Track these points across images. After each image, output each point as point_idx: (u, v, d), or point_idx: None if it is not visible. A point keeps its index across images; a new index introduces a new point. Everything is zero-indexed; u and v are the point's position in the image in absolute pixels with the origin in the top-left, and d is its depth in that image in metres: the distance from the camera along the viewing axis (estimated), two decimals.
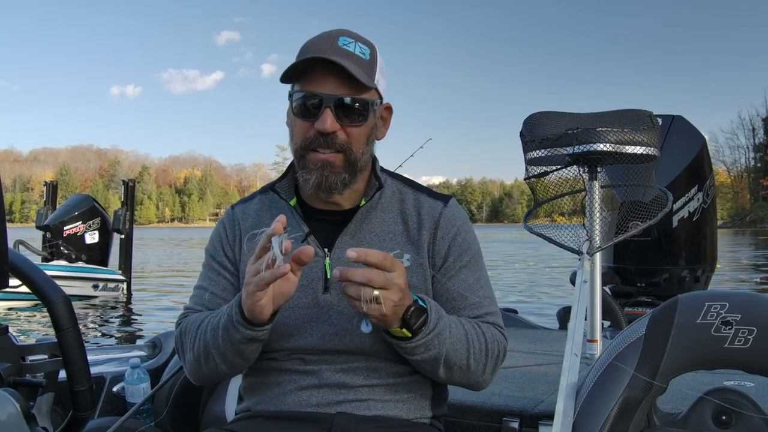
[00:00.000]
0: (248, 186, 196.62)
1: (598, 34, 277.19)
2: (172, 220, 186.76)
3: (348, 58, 1.37)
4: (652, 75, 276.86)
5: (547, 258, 24.68)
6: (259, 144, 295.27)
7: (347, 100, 1.38)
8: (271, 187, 1.53)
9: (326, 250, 1.46)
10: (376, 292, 1.20)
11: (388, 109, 1.52)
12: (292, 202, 1.51)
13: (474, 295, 1.47)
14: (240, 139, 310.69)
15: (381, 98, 1.47)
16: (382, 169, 1.55)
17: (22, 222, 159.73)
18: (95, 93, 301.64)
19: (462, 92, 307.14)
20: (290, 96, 1.42)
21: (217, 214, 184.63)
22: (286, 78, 1.42)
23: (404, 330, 1.30)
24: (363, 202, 1.47)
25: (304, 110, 1.40)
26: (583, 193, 2.27)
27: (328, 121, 1.37)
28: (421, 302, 1.31)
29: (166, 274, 19.77)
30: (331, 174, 1.40)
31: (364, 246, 1.44)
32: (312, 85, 1.38)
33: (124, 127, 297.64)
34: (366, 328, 1.38)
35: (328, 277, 1.44)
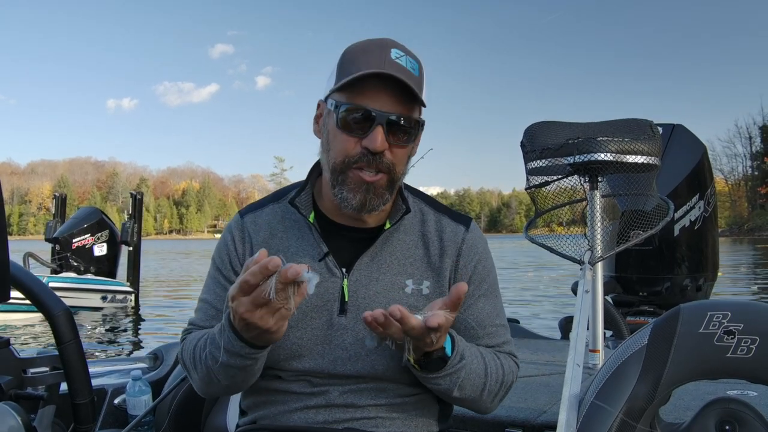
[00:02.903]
0: (246, 197, 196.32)
1: (595, 43, 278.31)
2: (170, 231, 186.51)
3: (402, 74, 1.29)
4: (648, 84, 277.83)
5: (551, 265, 24.64)
6: (257, 156, 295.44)
7: (400, 119, 1.31)
8: (290, 202, 1.44)
9: (344, 270, 1.40)
10: (434, 339, 1.20)
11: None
12: (311, 217, 1.43)
13: (491, 324, 1.45)
14: (238, 150, 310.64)
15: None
16: (406, 186, 1.49)
17: (19, 234, 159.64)
18: (92, 106, 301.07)
19: (459, 102, 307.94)
20: (336, 107, 1.33)
21: (215, 226, 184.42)
22: (339, 88, 1.32)
23: (415, 364, 1.28)
24: (388, 225, 1.42)
25: (351, 125, 1.31)
26: (585, 203, 2.26)
27: (378, 139, 1.29)
28: (449, 347, 1.29)
29: (173, 286, 19.90)
30: (374, 197, 1.34)
31: (383, 269, 1.41)
32: (363, 98, 1.30)
33: (121, 139, 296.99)
34: (370, 343, 1.28)
35: (346, 299, 1.38)
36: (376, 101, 1.30)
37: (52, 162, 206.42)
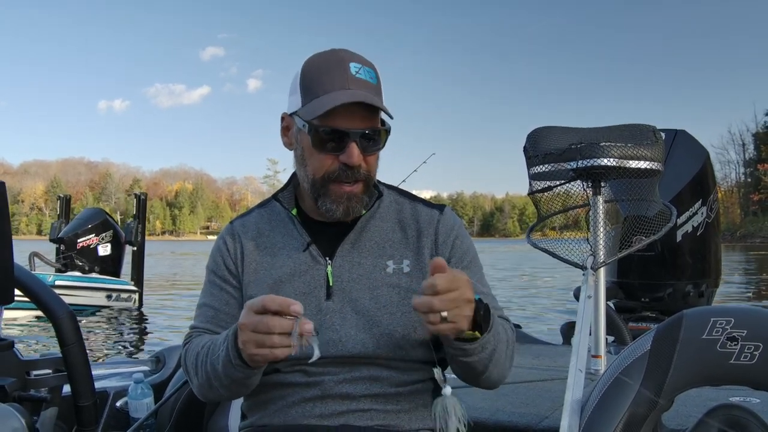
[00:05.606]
0: (239, 199, 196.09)
1: (591, 49, 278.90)
2: (163, 233, 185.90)
3: (365, 89, 1.40)
4: (643, 89, 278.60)
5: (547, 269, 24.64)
6: (250, 158, 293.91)
7: (370, 132, 1.42)
8: (274, 197, 1.57)
9: (327, 258, 1.49)
10: (444, 314, 1.19)
11: None
12: (293, 211, 1.54)
13: (479, 292, 1.48)
14: (231, 152, 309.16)
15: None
16: (378, 182, 1.57)
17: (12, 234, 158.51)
18: (83, 107, 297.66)
19: (453, 105, 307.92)
20: (309, 129, 1.41)
21: (208, 227, 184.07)
22: (316, 116, 1.38)
23: (476, 332, 1.28)
24: (364, 212, 1.50)
25: (327, 144, 1.41)
26: (587, 208, 2.27)
27: (355, 155, 1.39)
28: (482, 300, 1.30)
29: (177, 285, 20.03)
30: (356, 204, 1.45)
31: (363, 253, 1.49)
32: (335, 119, 1.38)
33: (114, 140, 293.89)
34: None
35: (331, 284, 1.46)
36: (347, 120, 1.39)
37: (44, 162, 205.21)
